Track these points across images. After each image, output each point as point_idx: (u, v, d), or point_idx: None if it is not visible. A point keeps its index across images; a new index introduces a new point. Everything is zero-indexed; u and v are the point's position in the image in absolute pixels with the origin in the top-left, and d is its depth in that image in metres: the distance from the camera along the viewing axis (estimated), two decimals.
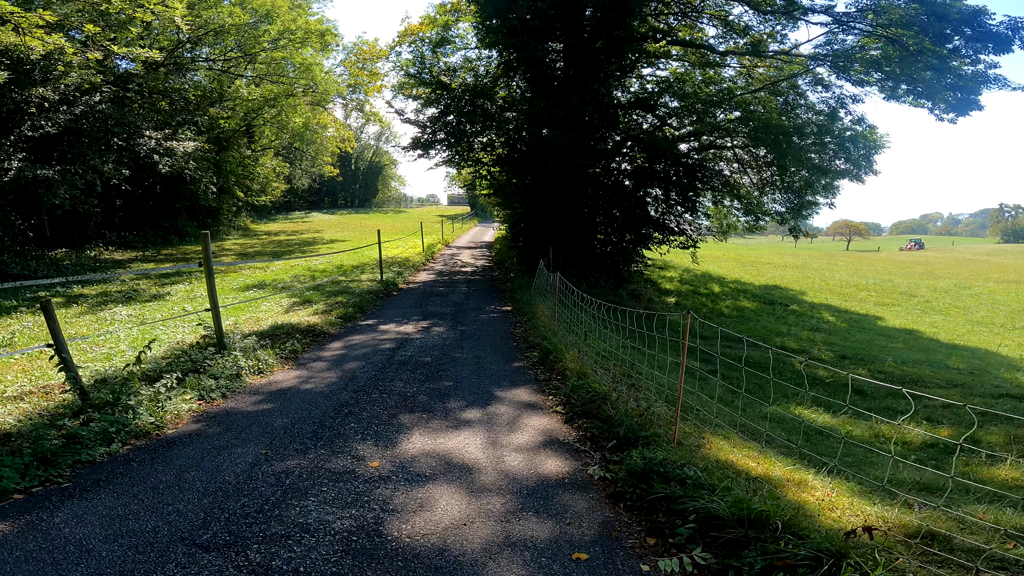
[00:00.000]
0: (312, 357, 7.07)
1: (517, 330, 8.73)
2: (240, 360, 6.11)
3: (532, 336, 8.02)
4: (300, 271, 16.51)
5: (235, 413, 4.95)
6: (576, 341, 6.97)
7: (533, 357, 6.98)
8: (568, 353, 6.32)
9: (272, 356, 6.69)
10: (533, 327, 8.55)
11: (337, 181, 56.86)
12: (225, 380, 5.62)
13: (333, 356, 7.12)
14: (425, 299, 11.91)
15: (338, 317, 9.52)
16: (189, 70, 22.51)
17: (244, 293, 12.78)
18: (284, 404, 5.21)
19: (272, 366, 6.45)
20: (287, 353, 7.07)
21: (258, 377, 6.09)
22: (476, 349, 7.50)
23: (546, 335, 7.53)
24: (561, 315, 8.33)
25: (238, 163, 28.67)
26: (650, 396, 4.97)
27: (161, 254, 21.66)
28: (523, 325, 9.05)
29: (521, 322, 9.29)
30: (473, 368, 6.53)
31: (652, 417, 4.40)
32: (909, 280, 30.92)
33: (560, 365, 6.18)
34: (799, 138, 14.69)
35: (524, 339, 8.09)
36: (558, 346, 6.74)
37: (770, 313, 18.54)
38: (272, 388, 5.71)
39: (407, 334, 8.48)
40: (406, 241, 25.73)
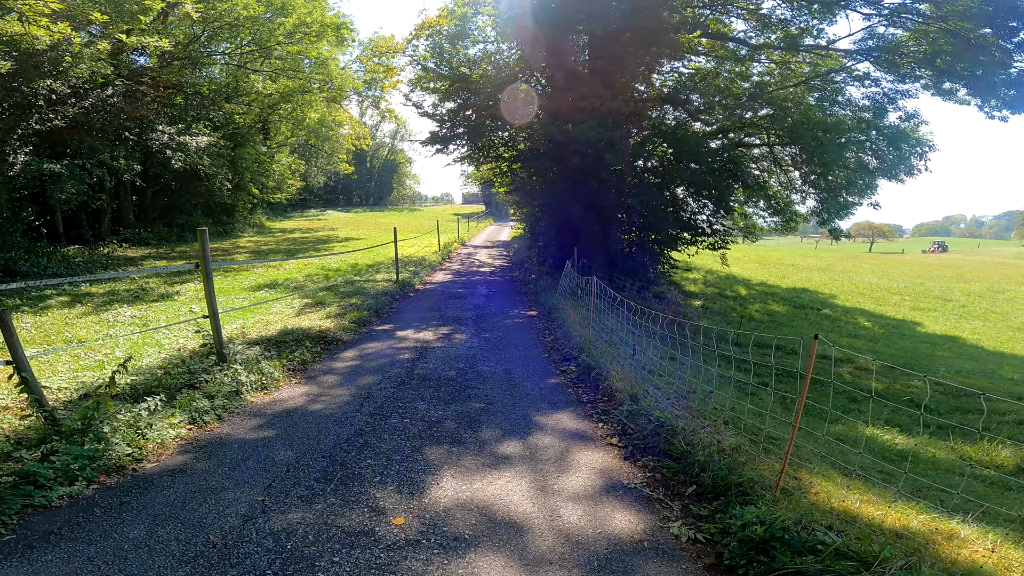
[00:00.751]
0: (323, 369, 6.28)
1: (547, 338, 7.88)
2: (241, 374, 5.33)
3: (566, 346, 7.16)
4: (314, 270, 15.81)
5: (230, 442, 4.16)
6: (617, 353, 6.11)
7: (571, 372, 6.12)
8: (614, 369, 5.45)
9: (278, 368, 5.91)
10: (565, 335, 7.69)
11: (352, 179, 56.38)
12: (222, 399, 4.83)
13: (346, 368, 6.32)
14: (444, 301, 11.11)
15: (352, 321, 8.75)
16: (204, 64, 21.91)
17: (255, 293, 12.08)
18: (288, 430, 4.41)
19: (278, 380, 5.66)
20: (295, 364, 6.29)
21: (261, 394, 5.30)
22: (505, 361, 6.66)
23: (583, 346, 6.67)
24: (596, 322, 7.47)
25: (254, 160, 28.12)
26: (720, 423, 4.10)
27: (175, 251, 21.13)
28: (553, 332, 8.19)
29: (550, 329, 8.43)
30: (504, 385, 5.69)
31: (741, 456, 3.52)
32: (940, 284, 29.54)
33: (606, 384, 5.32)
34: (838, 135, 13.67)
35: (556, 349, 7.24)
36: (600, 360, 5.88)
37: (803, 318, 17.50)
38: (276, 408, 4.92)
39: (427, 342, 7.67)
40: (421, 240, 24.99)
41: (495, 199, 51.51)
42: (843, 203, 15.01)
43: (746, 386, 8.51)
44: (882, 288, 25.65)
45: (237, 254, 20.59)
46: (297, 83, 25.95)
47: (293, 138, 36.79)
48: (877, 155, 13.22)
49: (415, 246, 22.35)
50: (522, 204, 22.92)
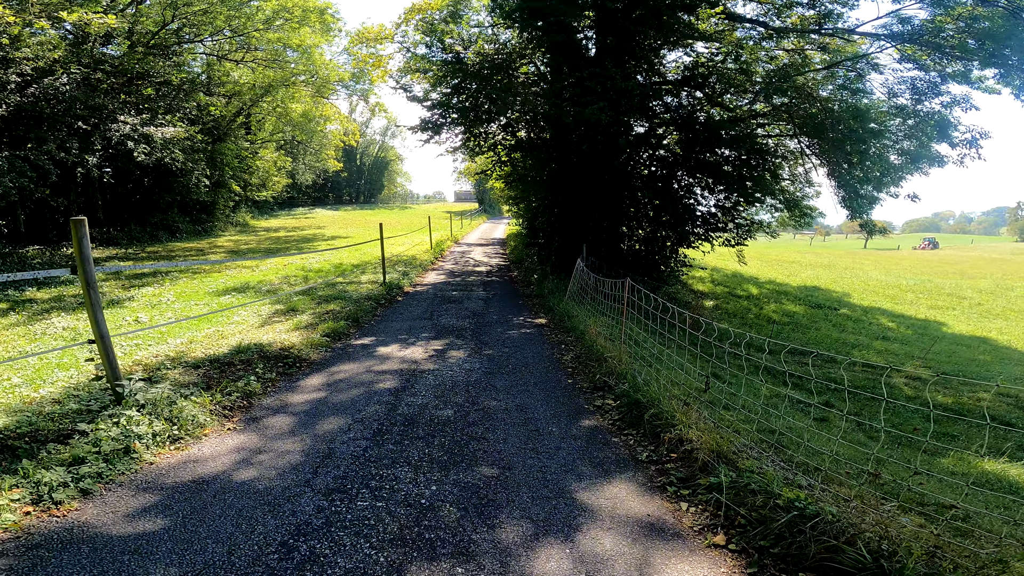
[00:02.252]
0: (273, 406, 4.60)
1: (566, 356, 6.23)
2: (138, 421, 3.63)
3: (594, 369, 5.52)
4: (292, 271, 14.07)
5: (81, 541, 2.49)
6: (669, 381, 4.49)
7: (610, 409, 4.48)
8: (678, 409, 3.83)
9: (207, 407, 4.23)
10: (588, 352, 6.07)
11: (342, 177, 54.32)
12: (98, 463, 3.15)
13: (306, 404, 4.65)
14: (436, 307, 9.43)
15: (325, 335, 7.06)
16: (176, 53, 19.97)
17: (220, 299, 10.34)
18: (187, 521, 2.75)
19: (202, 426, 3.98)
20: (236, 400, 4.60)
21: (171, 449, 3.62)
22: (518, 392, 5.02)
23: (618, 370, 5.05)
24: (625, 333, 5.85)
25: (234, 155, 26.19)
26: None
27: (145, 252, 19.25)
28: (571, 348, 6.56)
29: (567, 343, 6.79)
30: (522, 432, 4.05)
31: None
32: (948, 281, 28.31)
33: (673, 434, 3.68)
34: (870, 122, 12.18)
35: (581, 371, 5.61)
36: (649, 391, 4.26)
37: (823, 318, 16.02)
38: (184, 476, 3.25)
39: (415, 363, 6.00)
40: (412, 238, 23.27)
41: (488, 196, 49.72)
42: (868, 196, 13.49)
43: (807, 407, 6.98)
44: (893, 286, 24.32)
45: (212, 254, 18.76)
46: (279, 74, 24.06)
47: (279, 134, 34.83)
48: (922, 143, 11.70)
49: (405, 244, 20.62)
50: (519, 199, 21.28)
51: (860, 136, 11.83)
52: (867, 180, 12.48)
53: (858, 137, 11.89)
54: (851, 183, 13.53)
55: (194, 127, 23.49)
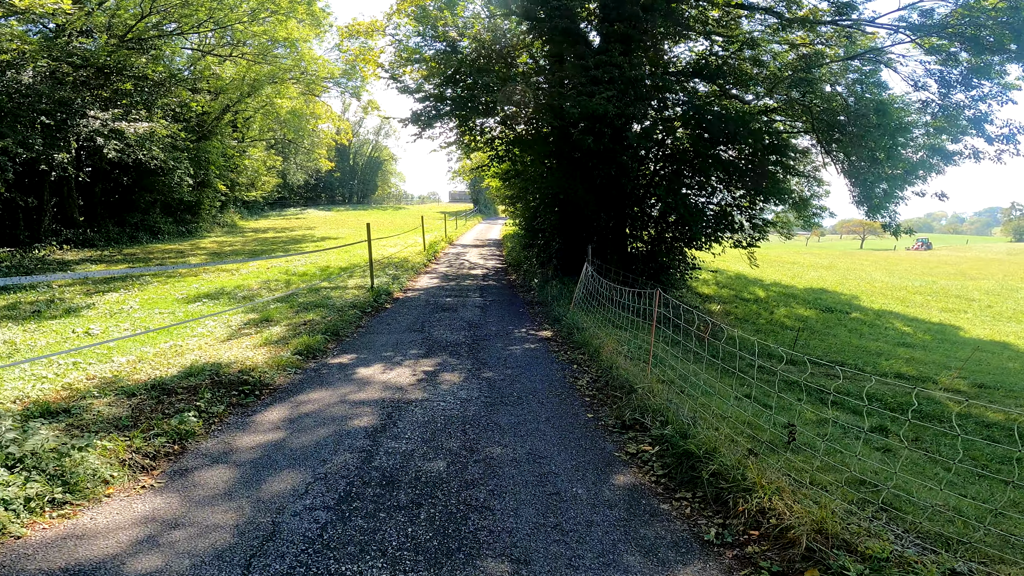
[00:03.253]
0: (213, 452, 3.56)
1: (580, 380, 5.21)
2: (5, 483, 2.58)
3: (620, 400, 4.49)
4: (275, 275, 12.99)
5: None
6: (720, 416, 3.50)
7: (649, 459, 3.45)
8: (751, 466, 2.82)
9: (121, 453, 3.19)
10: (608, 376, 5.05)
11: (334, 177, 53.01)
12: None
13: (255, 451, 3.62)
14: (428, 316, 8.39)
15: (297, 352, 6.01)
16: (153, 46, 18.76)
17: (189, 307, 9.26)
18: None
19: (105, 483, 2.94)
20: (163, 444, 3.56)
21: (51, 518, 2.58)
22: (527, 432, 4.00)
23: (653, 404, 4.03)
24: (645, 352, 4.85)
25: (220, 153, 25.00)
26: None
27: (122, 254, 18.08)
28: (585, 369, 5.54)
29: (580, 363, 5.76)
30: (538, 498, 3.03)
31: None
32: (951, 282, 27.59)
33: (751, 502, 2.66)
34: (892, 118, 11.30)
35: (602, 401, 4.59)
36: (710, 442, 3.24)
37: (837, 323, 15.13)
38: (53, 562, 2.23)
39: (400, 390, 4.97)
40: (405, 238, 22.21)
41: (484, 196, 48.64)
42: (891, 194, 12.57)
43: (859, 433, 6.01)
44: (900, 287, 23.53)
45: (193, 256, 17.62)
46: (266, 70, 22.91)
47: (270, 133, 33.62)
48: (955, 137, 10.77)
49: (397, 245, 19.56)
50: (516, 199, 20.27)
51: (889, 130, 10.92)
52: (892, 178, 11.55)
53: (885, 132, 10.98)
54: (869, 181, 12.61)
55: (177, 124, 22.32)
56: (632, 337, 6.48)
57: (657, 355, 5.71)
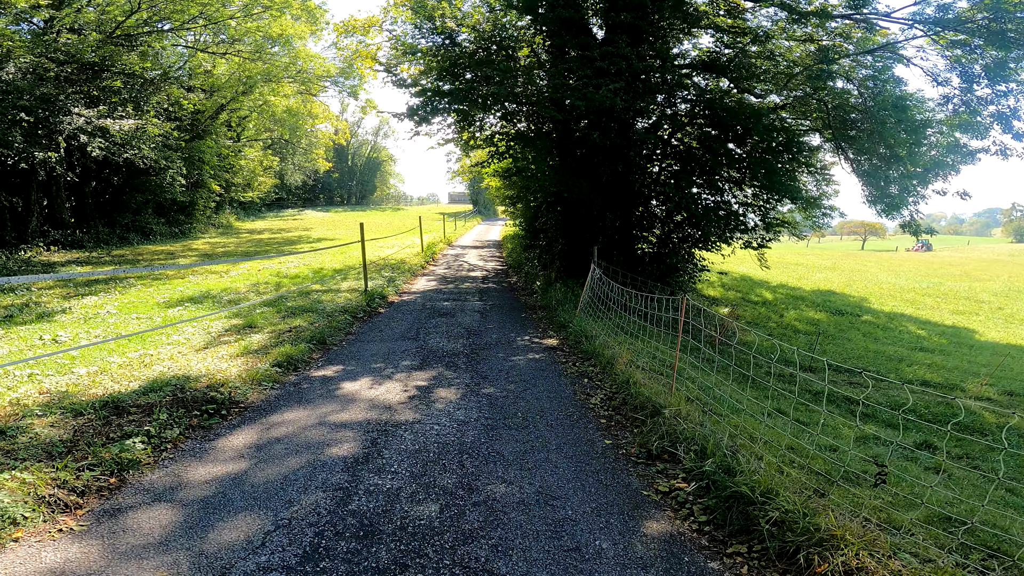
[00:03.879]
0: (157, 487, 2.95)
1: (592, 397, 4.59)
2: None
3: (642, 423, 3.87)
4: (266, 277, 12.39)
5: None
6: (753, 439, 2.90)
7: (687, 500, 2.83)
8: (822, 511, 2.22)
9: (41, 487, 2.58)
10: (626, 392, 4.44)
11: (333, 178, 52.37)
12: None
13: (208, 486, 3.00)
14: (423, 322, 7.78)
15: (276, 363, 5.40)
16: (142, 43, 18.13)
17: (169, 311, 8.65)
18: None
19: (15, 524, 2.34)
20: (96, 477, 2.95)
21: None
22: (536, 464, 3.38)
23: (685, 430, 3.42)
24: (665, 365, 4.25)
25: (214, 153, 24.37)
26: None
27: (110, 255, 17.46)
28: (598, 384, 4.92)
29: (591, 376, 5.15)
30: (554, 556, 2.41)
31: None
32: (957, 283, 27.03)
33: (834, 561, 2.04)
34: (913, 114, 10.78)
35: (621, 424, 3.98)
36: (764, 482, 2.63)
37: (849, 326, 14.54)
38: None
39: (389, 409, 4.36)
40: (402, 239, 21.60)
41: (483, 197, 48.02)
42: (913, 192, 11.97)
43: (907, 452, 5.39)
44: (907, 289, 22.95)
45: (183, 257, 17.01)
46: (261, 67, 22.30)
47: (267, 133, 33.01)
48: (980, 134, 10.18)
49: (395, 246, 18.96)
50: (516, 199, 19.67)
51: (910, 126, 10.35)
52: (912, 175, 10.97)
53: (906, 128, 10.41)
54: (884, 179, 12.03)
55: (169, 123, 21.71)
56: (645, 346, 5.88)
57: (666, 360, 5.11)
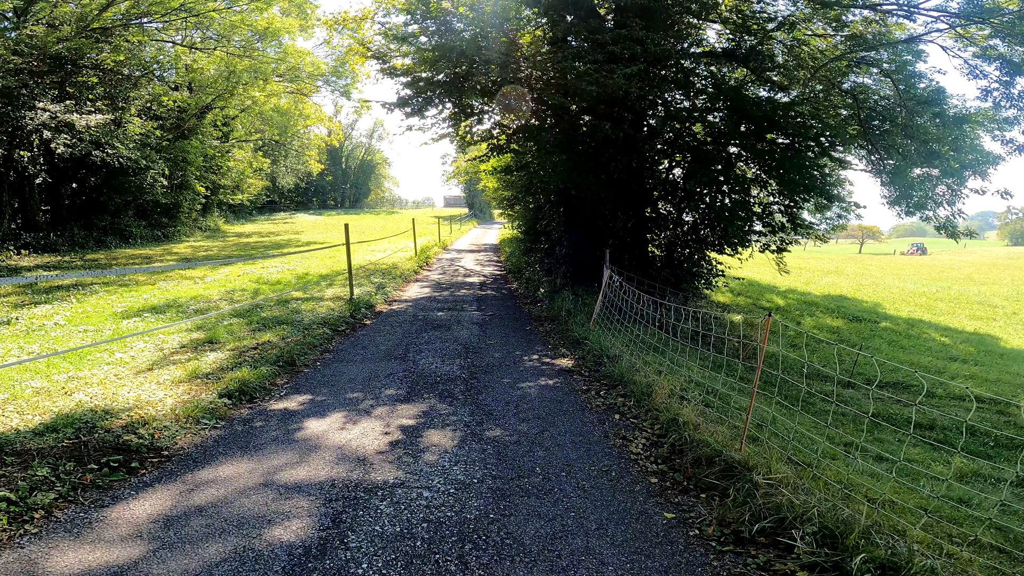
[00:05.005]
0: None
1: (632, 442, 3.45)
2: None
3: (712, 484, 2.77)
4: (244, 283, 11.22)
5: None
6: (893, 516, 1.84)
7: None
8: None
9: None
10: (674, 432, 3.34)
11: (326, 180, 51.08)
12: None
13: None
14: (414, 336, 6.66)
15: (225, 392, 4.26)
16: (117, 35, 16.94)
17: (124, 323, 7.47)
18: None
19: None
20: None
21: None
22: (573, 561, 2.28)
23: (795, 505, 2.32)
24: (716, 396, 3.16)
25: (199, 153, 23.15)
26: None
27: (83, 259, 16.22)
28: (635, 422, 3.79)
29: (622, 409, 4.03)
30: None
31: None
32: (964, 287, 26.24)
33: None
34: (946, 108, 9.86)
35: (685, 486, 2.86)
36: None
37: (871, 334, 13.55)
38: None
39: (362, 462, 3.23)
40: (395, 243, 20.46)
41: (479, 200, 46.90)
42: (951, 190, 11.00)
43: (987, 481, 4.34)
44: (917, 293, 22.07)
45: (160, 262, 15.80)
46: (246, 64, 21.14)
47: (257, 135, 31.80)
48: None
49: (386, 250, 17.82)
50: (514, 200, 18.62)
51: (948, 120, 9.39)
52: (949, 172, 10.00)
53: (944, 122, 9.45)
54: (906, 178, 11.04)
55: (151, 122, 20.52)
56: (674, 366, 4.79)
57: (712, 389, 4.02)
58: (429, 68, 10.44)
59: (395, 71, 11.03)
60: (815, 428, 4.92)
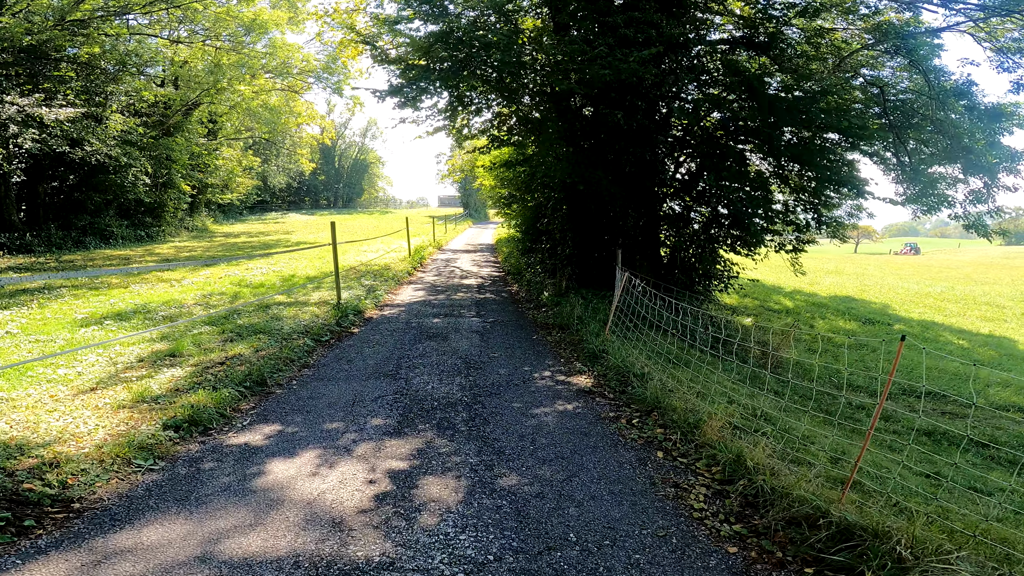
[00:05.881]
0: None
1: (691, 493, 2.65)
2: None
3: (821, 557, 2.01)
4: (224, 286, 10.36)
5: None
6: None
7: None
8: None
9: None
10: (739, 475, 2.58)
11: (319, 180, 50.02)
12: None
13: None
14: (407, 348, 5.84)
15: (173, 423, 3.44)
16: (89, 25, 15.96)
17: (82, 331, 6.61)
18: None
19: None
20: None
21: None
22: None
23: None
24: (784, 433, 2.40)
25: (184, 150, 22.17)
26: None
27: (58, 261, 15.25)
28: (680, 459, 3.02)
29: (664, 445, 3.23)
30: None
31: None
32: (965, 286, 25.77)
33: None
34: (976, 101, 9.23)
35: (779, 559, 2.12)
36: None
37: (888, 337, 12.85)
38: None
39: (337, 526, 2.42)
40: (388, 242, 19.60)
41: (474, 199, 46.05)
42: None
43: None
44: (923, 294, 21.51)
45: (139, 262, 14.86)
46: (233, 57, 20.21)
47: (248, 133, 30.80)
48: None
49: (379, 250, 16.97)
50: (512, 199, 17.77)
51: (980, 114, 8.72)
52: (980, 168, 9.33)
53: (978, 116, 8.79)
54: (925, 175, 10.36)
55: (135, 119, 19.53)
56: (708, 381, 4.02)
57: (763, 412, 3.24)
58: (424, 55, 9.63)
59: (387, 58, 10.21)
60: (881, 449, 4.14)
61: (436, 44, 8.92)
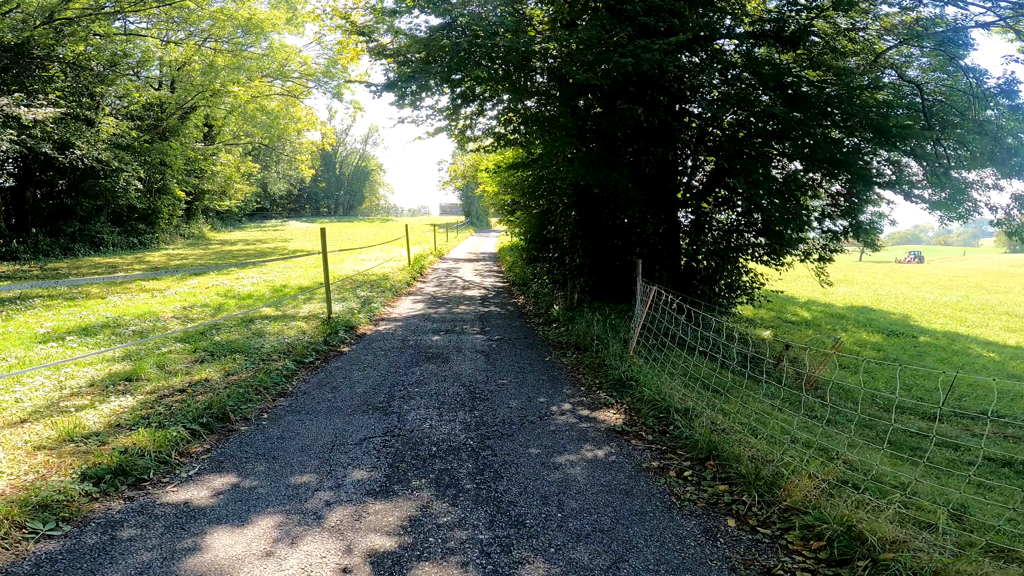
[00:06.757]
0: None
1: None
2: None
3: None
4: (209, 297, 9.61)
5: None
6: None
7: None
8: None
9: None
10: (856, 559, 1.82)
11: (319, 187, 49.43)
12: None
13: None
14: (402, 373, 5.06)
15: (92, 475, 2.67)
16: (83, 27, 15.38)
17: (38, 348, 5.85)
18: None
19: None
20: None
21: None
22: None
23: None
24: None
25: (179, 155, 21.52)
26: None
27: (43, 269, 14.55)
28: (760, 533, 2.25)
29: (734, 510, 2.46)
30: None
31: None
32: (980, 295, 25.00)
33: None
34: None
35: None
36: None
37: (916, 351, 12.12)
38: None
39: None
40: (387, 251, 18.88)
41: (476, 207, 45.43)
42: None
43: None
44: (941, 304, 20.71)
45: (127, 271, 14.14)
46: (229, 59, 19.63)
47: (247, 139, 30.24)
48: None
49: (377, 259, 16.23)
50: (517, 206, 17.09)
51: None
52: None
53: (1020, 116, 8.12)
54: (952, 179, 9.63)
55: (127, 122, 18.90)
56: (759, 410, 3.25)
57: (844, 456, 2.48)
58: (423, 48, 8.94)
59: (385, 52, 9.52)
60: (980, 491, 3.36)
61: (437, 34, 8.24)
